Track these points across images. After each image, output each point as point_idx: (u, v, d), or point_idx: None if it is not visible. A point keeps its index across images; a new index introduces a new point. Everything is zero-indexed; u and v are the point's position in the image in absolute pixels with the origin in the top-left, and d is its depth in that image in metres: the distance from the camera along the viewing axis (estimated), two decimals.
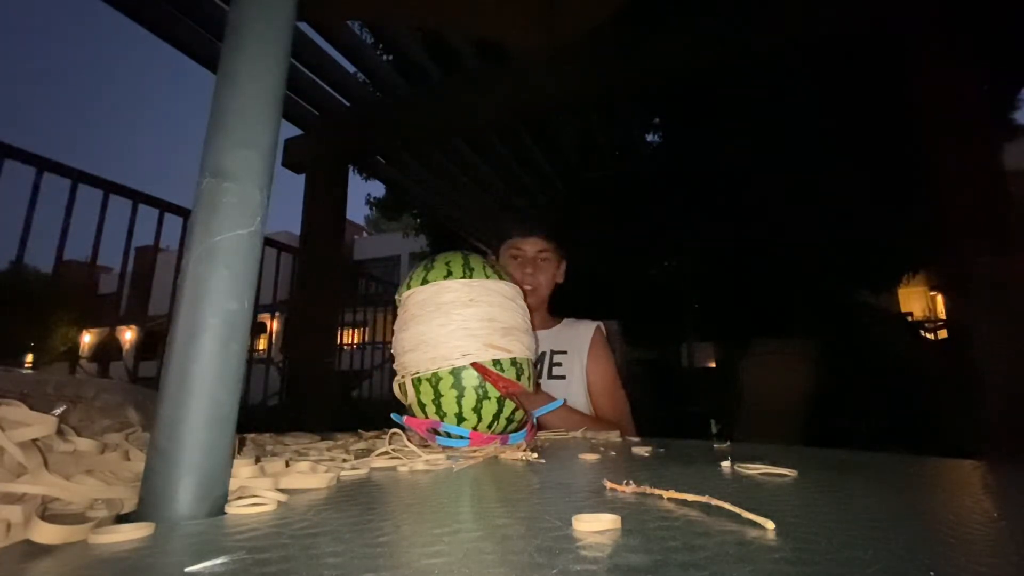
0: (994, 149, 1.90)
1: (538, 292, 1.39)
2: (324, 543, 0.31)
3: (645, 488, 0.42)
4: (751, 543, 0.30)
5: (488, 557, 0.28)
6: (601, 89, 2.58)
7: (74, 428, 0.52)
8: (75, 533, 0.32)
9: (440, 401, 0.75)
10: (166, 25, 2.26)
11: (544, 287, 1.41)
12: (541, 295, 1.41)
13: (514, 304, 0.84)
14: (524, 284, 1.37)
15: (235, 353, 0.42)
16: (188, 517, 0.37)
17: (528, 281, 1.38)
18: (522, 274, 1.38)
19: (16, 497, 0.36)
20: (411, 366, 0.78)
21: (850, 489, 0.48)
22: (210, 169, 0.45)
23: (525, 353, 0.81)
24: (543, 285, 1.40)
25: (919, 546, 0.31)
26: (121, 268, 2.30)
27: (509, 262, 1.41)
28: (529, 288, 1.37)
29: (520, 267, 1.39)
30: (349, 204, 3.15)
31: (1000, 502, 0.45)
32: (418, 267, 0.86)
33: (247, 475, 0.47)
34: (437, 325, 0.77)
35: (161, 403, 0.40)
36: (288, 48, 0.51)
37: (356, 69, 2.86)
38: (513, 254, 1.41)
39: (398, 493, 0.48)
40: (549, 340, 1.39)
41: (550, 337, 1.40)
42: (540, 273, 1.39)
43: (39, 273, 13.88)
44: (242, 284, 0.43)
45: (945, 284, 2.84)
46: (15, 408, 0.44)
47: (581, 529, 0.32)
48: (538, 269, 1.39)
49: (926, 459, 0.67)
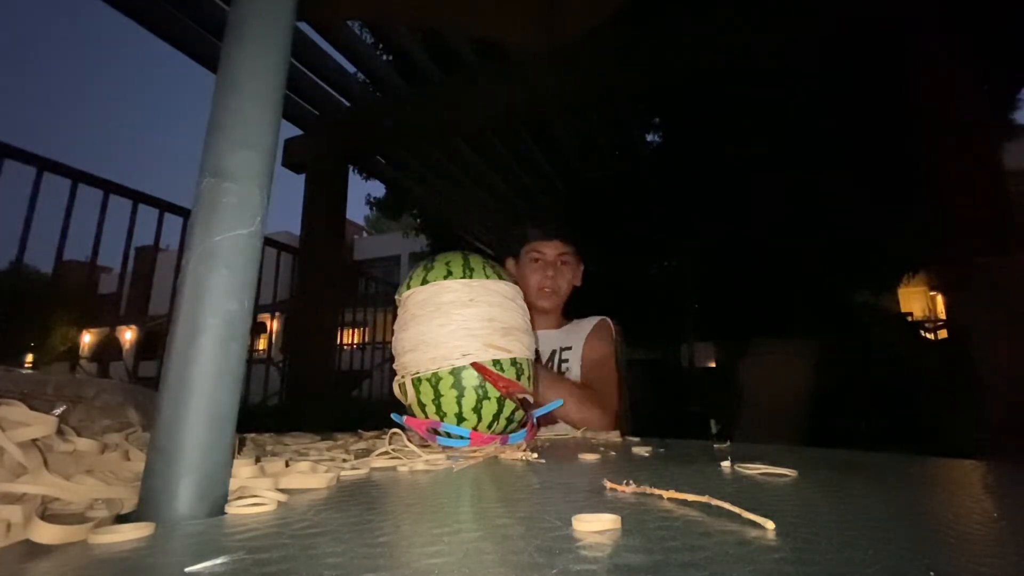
0: (994, 149, 1.91)
1: (558, 295, 1.40)
2: (324, 543, 0.31)
3: (645, 488, 0.42)
4: (751, 543, 0.30)
5: (488, 557, 0.28)
6: (601, 89, 2.59)
7: (74, 428, 0.52)
8: (75, 533, 0.32)
9: (440, 401, 0.76)
10: (166, 25, 2.26)
11: (564, 290, 1.41)
12: (560, 298, 1.41)
13: (514, 304, 0.84)
14: (544, 287, 1.38)
15: (235, 353, 0.42)
16: (188, 517, 0.37)
17: (548, 284, 1.38)
18: (543, 277, 1.38)
19: (16, 497, 0.36)
20: (411, 366, 0.78)
21: (850, 489, 0.48)
22: (210, 169, 0.45)
23: (525, 353, 0.81)
24: (563, 288, 1.40)
25: (919, 546, 0.31)
26: (121, 268, 2.30)
27: (529, 265, 1.40)
28: (549, 291, 1.39)
29: (541, 270, 1.39)
30: (349, 204, 3.15)
31: (1000, 502, 0.45)
32: (418, 267, 0.86)
33: (247, 475, 0.47)
34: (437, 325, 0.77)
35: (161, 403, 0.40)
36: (288, 48, 0.51)
37: (356, 69, 2.86)
38: (534, 257, 1.40)
39: (398, 493, 0.48)
40: (559, 339, 1.39)
41: (560, 336, 1.40)
42: (560, 276, 1.40)
43: (39, 273, 13.88)
44: (242, 284, 0.43)
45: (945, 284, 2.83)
46: (15, 408, 0.44)
47: (581, 529, 0.32)
48: (558, 272, 1.39)
49: (926, 459, 0.67)
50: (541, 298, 1.39)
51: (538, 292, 1.39)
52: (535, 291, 1.39)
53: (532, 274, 1.40)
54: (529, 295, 1.41)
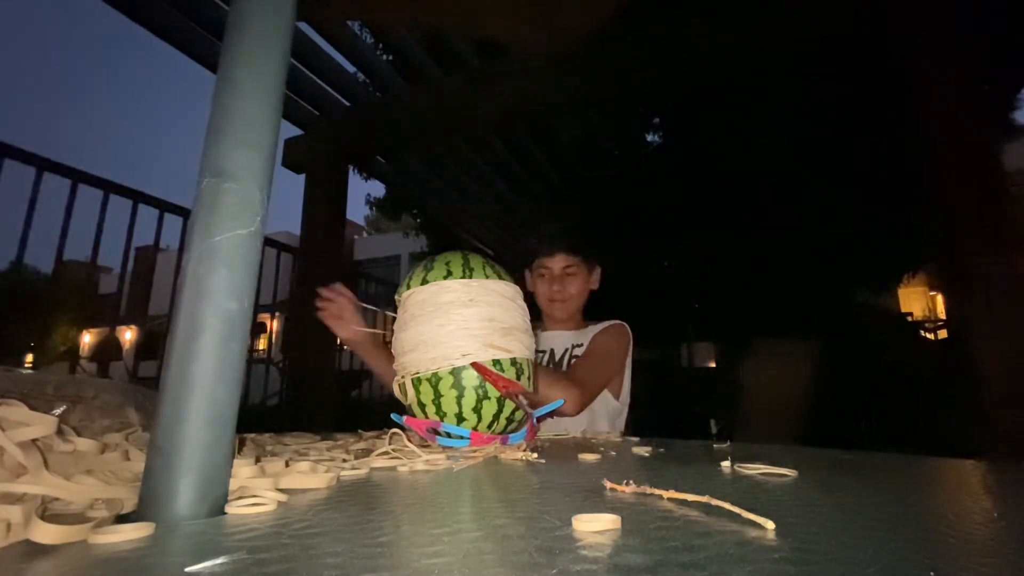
0: (994, 149, 1.91)
1: (568, 305, 1.42)
2: (324, 543, 0.31)
3: (645, 488, 0.42)
4: (751, 543, 0.30)
5: (488, 557, 0.28)
6: (601, 89, 2.59)
7: (74, 428, 0.52)
8: (75, 533, 0.32)
9: (440, 401, 0.75)
10: (166, 25, 2.26)
11: (574, 299, 1.43)
12: (572, 307, 1.43)
13: (514, 304, 0.84)
14: (554, 299, 1.41)
15: (235, 353, 0.42)
16: (188, 517, 0.37)
17: (557, 296, 1.41)
18: (550, 290, 1.41)
19: (16, 497, 0.36)
20: (411, 366, 0.78)
21: (850, 489, 0.48)
22: (210, 169, 0.45)
23: (525, 353, 0.81)
24: (573, 297, 1.42)
25: (919, 546, 0.31)
26: (121, 268, 2.30)
27: (538, 279, 1.44)
28: (559, 302, 1.42)
29: (548, 284, 1.42)
30: (349, 204, 3.15)
31: (1000, 502, 0.45)
32: (418, 267, 0.86)
33: (247, 475, 0.47)
34: (437, 325, 0.77)
35: (161, 403, 0.40)
36: (288, 48, 0.51)
37: (356, 69, 2.86)
38: (541, 272, 1.44)
39: (398, 493, 0.48)
40: (573, 337, 1.42)
41: (575, 335, 1.42)
42: (568, 287, 1.41)
43: (39, 273, 13.87)
44: (242, 284, 0.43)
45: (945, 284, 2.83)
46: (15, 408, 0.44)
47: (581, 529, 0.32)
48: (565, 284, 1.41)
49: (926, 459, 0.67)
50: (553, 309, 1.44)
51: (548, 304, 1.44)
52: (546, 303, 1.44)
53: (541, 288, 1.44)
54: (541, 305, 1.45)
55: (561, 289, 1.40)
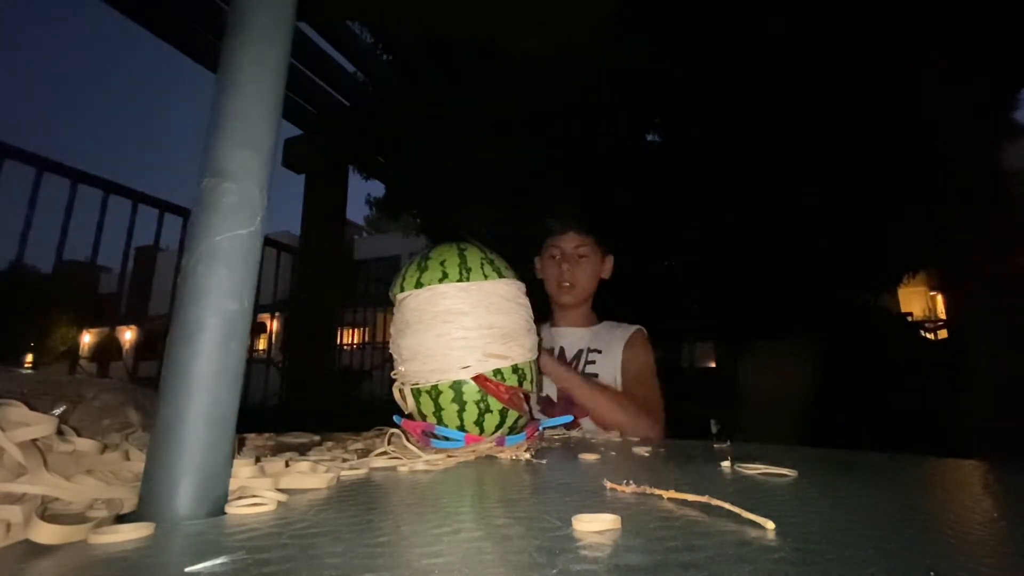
0: (994, 149, 1.91)
1: (576, 290, 1.35)
2: (324, 543, 0.31)
3: (645, 488, 0.42)
4: (751, 543, 0.30)
5: (488, 557, 0.28)
6: (601, 89, 2.59)
7: (74, 428, 0.52)
8: (75, 533, 0.32)
9: (441, 414, 0.74)
10: (166, 25, 2.26)
11: (583, 285, 1.35)
12: (580, 293, 1.36)
13: (514, 304, 0.81)
14: (563, 282, 1.34)
15: (235, 353, 0.42)
16: (188, 517, 0.37)
17: (566, 278, 1.33)
18: (559, 271, 1.34)
19: (16, 497, 0.36)
20: (410, 376, 0.76)
21: (850, 489, 0.48)
22: (210, 169, 0.44)
23: (527, 356, 0.78)
24: (582, 282, 1.35)
25: (919, 546, 0.31)
26: (121, 268, 2.30)
27: (548, 260, 1.38)
28: (568, 285, 1.34)
29: (557, 264, 1.35)
30: (349, 204, 3.16)
31: (1000, 502, 0.45)
32: (412, 264, 0.82)
33: (247, 475, 0.47)
34: (435, 336, 0.74)
35: (161, 403, 0.40)
36: (288, 48, 0.51)
37: (356, 69, 2.86)
38: (552, 252, 1.37)
39: (398, 493, 0.48)
40: (588, 339, 1.35)
41: (588, 336, 1.36)
42: (578, 269, 1.34)
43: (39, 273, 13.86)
44: (242, 284, 0.43)
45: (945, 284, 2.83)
46: (15, 408, 0.44)
47: (581, 529, 0.32)
48: (575, 265, 1.34)
49: (926, 459, 0.67)
50: (561, 293, 1.36)
51: (557, 287, 1.36)
52: (554, 286, 1.36)
53: (550, 269, 1.37)
54: (550, 290, 1.38)
55: (572, 271, 1.33)
